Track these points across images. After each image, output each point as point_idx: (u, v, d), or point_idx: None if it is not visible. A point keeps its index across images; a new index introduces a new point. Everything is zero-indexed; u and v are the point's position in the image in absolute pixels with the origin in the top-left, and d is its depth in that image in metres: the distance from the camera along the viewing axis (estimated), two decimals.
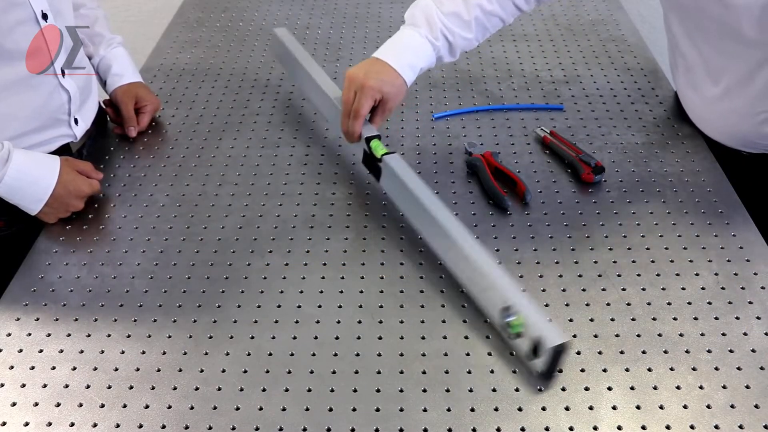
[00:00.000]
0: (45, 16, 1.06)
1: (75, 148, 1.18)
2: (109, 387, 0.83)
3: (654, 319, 0.90)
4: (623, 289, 0.94)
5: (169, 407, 0.81)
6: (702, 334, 0.87)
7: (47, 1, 1.06)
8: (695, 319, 0.90)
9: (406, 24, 1.12)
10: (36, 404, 0.81)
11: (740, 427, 0.77)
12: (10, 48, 1.02)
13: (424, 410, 0.80)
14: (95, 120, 1.24)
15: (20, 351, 0.88)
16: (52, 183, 1.04)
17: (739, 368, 0.83)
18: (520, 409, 0.79)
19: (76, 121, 1.16)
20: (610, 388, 0.81)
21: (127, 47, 1.32)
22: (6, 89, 1.03)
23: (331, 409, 0.80)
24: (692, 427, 0.77)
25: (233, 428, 0.78)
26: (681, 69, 1.21)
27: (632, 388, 0.81)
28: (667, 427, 0.77)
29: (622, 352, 0.86)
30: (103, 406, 0.81)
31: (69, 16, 1.15)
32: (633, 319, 0.90)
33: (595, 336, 0.88)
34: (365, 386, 0.83)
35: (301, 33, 1.60)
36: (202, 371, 0.85)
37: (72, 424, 0.79)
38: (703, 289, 0.94)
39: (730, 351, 0.85)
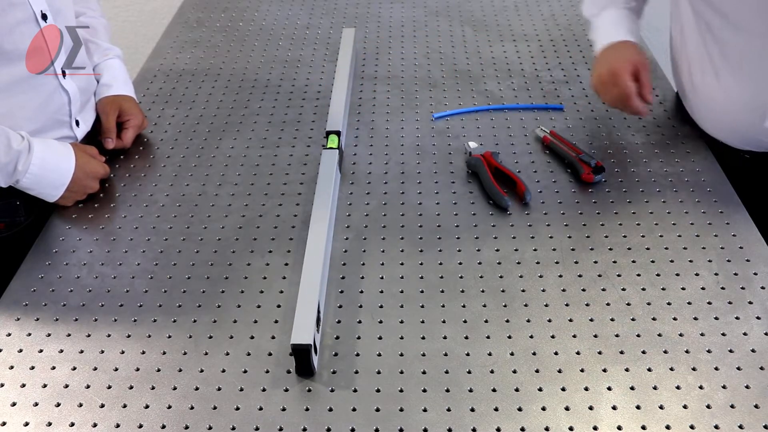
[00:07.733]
0: (45, 17, 1.05)
1: None
2: (109, 387, 0.83)
3: (654, 319, 0.90)
4: (623, 289, 0.94)
5: (169, 407, 0.81)
6: (702, 334, 0.87)
7: (47, 1, 1.06)
8: (695, 319, 0.90)
9: (594, 14, 1.27)
10: (36, 404, 0.81)
11: (740, 427, 0.77)
12: (10, 48, 1.02)
13: (424, 410, 0.80)
14: (94, 123, 1.24)
15: (20, 351, 0.88)
16: (71, 167, 1.07)
17: (739, 368, 0.83)
18: (520, 409, 0.79)
19: (77, 122, 1.16)
20: (610, 388, 0.81)
21: (124, 60, 1.29)
22: (6, 90, 1.03)
23: (331, 409, 0.80)
24: (692, 427, 0.77)
25: (233, 428, 0.78)
26: (684, 69, 1.21)
27: (632, 388, 0.81)
28: (667, 427, 0.77)
29: (622, 352, 0.86)
30: (103, 406, 0.81)
31: (69, 16, 1.14)
32: (633, 319, 0.90)
33: (595, 336, 0.88)
34: (365, 386, 0.83)
35: (301, 33, 1.60)
36: (202, 371, 0.85)
37: (72, 424, 0.79)
38: (703, 289, 0.94)
39: (730, 351, 0.85)
